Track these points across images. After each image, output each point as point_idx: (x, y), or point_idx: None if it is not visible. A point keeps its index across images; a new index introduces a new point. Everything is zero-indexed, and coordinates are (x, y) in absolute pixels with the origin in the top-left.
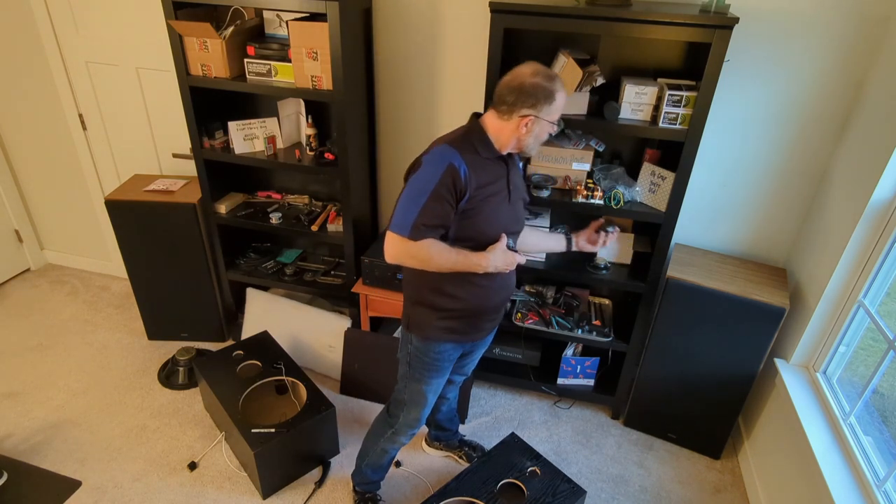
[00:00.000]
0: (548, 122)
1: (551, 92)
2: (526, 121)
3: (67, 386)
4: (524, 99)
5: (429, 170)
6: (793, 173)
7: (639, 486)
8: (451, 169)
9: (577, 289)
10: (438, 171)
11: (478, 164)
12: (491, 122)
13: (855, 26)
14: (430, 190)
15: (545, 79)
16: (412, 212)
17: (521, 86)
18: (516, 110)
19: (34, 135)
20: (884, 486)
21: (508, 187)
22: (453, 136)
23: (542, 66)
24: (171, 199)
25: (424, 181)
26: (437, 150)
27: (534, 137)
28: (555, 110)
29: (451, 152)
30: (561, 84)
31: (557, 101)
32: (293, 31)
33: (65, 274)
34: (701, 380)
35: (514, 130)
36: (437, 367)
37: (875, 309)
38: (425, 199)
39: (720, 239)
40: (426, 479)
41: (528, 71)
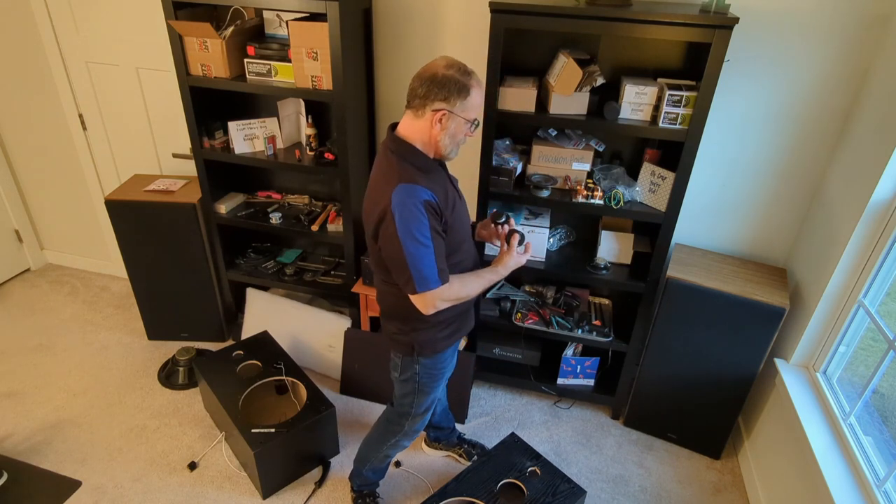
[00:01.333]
0: (463, 120)
1: (465, 86)
2: (439, 115)
3: (67, 386)
4: (436, 91)
5: (412, 216)
6: (793, 173)
7: (639, 486)
8: (428, 205)
9: (577, 289)
10: (421, 213)
11: (431, 181)
12: (407, 126)
13: (855, 26)
14: (427, 234)
15: (459, 72)
16: (429, 263)
17: (434, 77)
18: (428, 104)
19: (34, 135)
20: (884, 486)
21: (455, 186)
22: (392, 168)
23: (458, 61)
24: (171, 199)
25: (417, 229)
26: (401, 194)
27: (449, 137)
28: (470, 107)
29: (412, 190)
30: (477, 80)
31: (473, 97)
32: (293, 31)
33: (65, 274)
34: (701, 380)
35: (429, 128)
36: (443, 373)
37: (875, 309)
38: (431, 244)
39: (720, 239)
40: (426, 479)
41: (443, 63)
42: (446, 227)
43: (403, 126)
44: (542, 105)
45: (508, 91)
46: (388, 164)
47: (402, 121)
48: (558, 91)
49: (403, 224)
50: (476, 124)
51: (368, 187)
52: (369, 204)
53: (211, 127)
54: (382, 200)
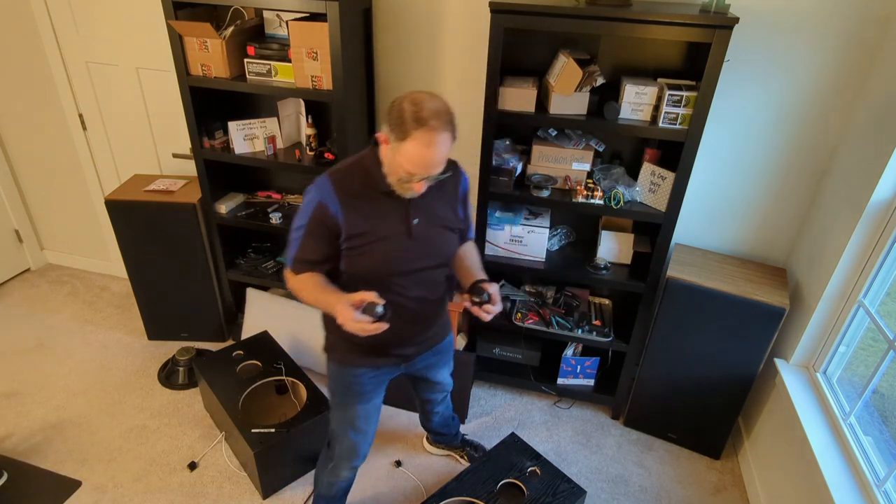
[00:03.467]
0: (395, 157)
1: (406, 130)
2: (381, 136)
3: (67, 386)
4: (389, 111)
5: (304, 203)
6: (793, 173)
7: (639, 486)
8: (320, 208)
9: (577, 289)
10: (310, 208)
11: (358, 203)
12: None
13: (855, 26)
14: (304, 225)
15: (414, 116)
16: (294, 245)
17: (399, 100)
18: (385, 120)
19: (34, 135)
20: (884, 486)
21: (408, 223)
22: (343, 164)
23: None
24: (171, 199)
25: (301, 215)
26: (315, 183)
27: (388, 166)
28: (404, 152)
29: (326, 188)
30: (426, 137)
31: (407, 146)
32: (293, 31)
33: (65, 274)
34: (701, 380)
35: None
36: (358, 393)
37: (875, 309)
38: (301, 234)
39: (720, 239)
40: (426, 479)
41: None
42: (347, 245)
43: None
44: (542, 105)
45: (508, 91)
46: (354, 158)
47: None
48: (558, 91)
49: (302, 204)
50: (407, 180)
51: None
52: None
53: (211, 127)
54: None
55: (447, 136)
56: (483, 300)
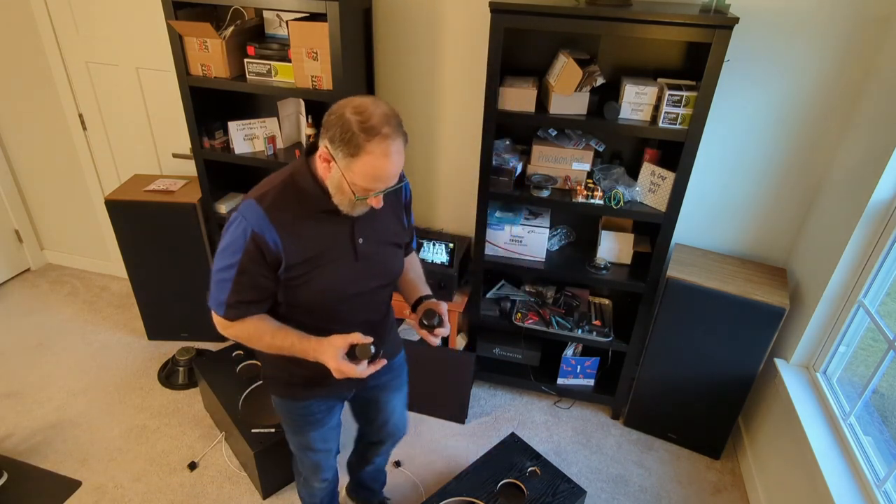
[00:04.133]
0: (341, 175)
1: (357, 143)
2: (322, 152)
3: (67, 386)
4: (328, 126)
5: (231, 237)
6: (793, 173)
7: (639, 486)
8: (254, 240)
9: (577, 289)
10: (240, 242)
11: (297, 229)
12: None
13: (855, 26)
14: (235, 263)
15: (362, 126)
16: (224, 287)
17: (339, 110)
18: (323, 136)
19: (34, 135)
20: (884, 486)
21: (353, 244)
22: (270, 184)
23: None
24: (171, 199)
25: (227, 251)
26: (240, 212)
27: (334, 187)
28: (358, 169)
29: (256, 216)
30: (383, 148)
31: (362, 161)
32: (293, 31)
33: (65, 274)
34: (701, 380)
35: (321, 164)
36: (309, 422)
37: (875, 309)
38: (234, 274)
39: (720, 239)
40: (426, 479)
41: (352, 103)
42: (287, 276)
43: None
44: (542, 105)
45: (508, 91)
46: (278, 175)
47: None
48: (558, 91)
49: (226, 239)
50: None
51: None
52: None
53: (211, 127)
54: (236, 206)
55: (401, 143)
56: (433, 324)
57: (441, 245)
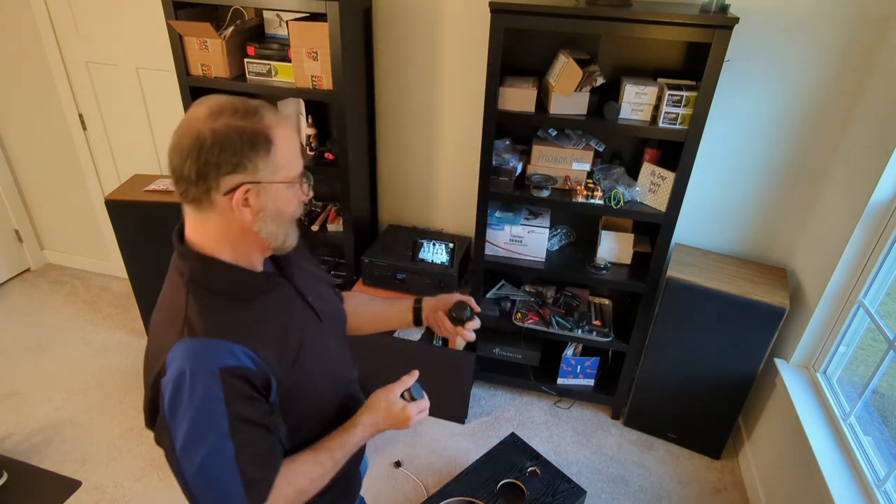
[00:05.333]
0: (283, 185)
1: (258, 133)
2: (240, 196)
3: (67, 386)
4: (216, 162)
5: (194, 409)
6: (793, 173)
7: (639, 486)
8: (225, 377)
9: (577, 289)
10: (212, 397)
11: (253, 325)
12: (196, 228)
13: (855, 26)
14: (224, 428)
15: (238, 115)
16: (229, 474)
17: (199, 141)
18: (212, 187)
19: (34, 135)
20: (884, 486)
21: (310, 306)
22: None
23: (228, 98)
24: (171, 199)
25: (206, 423)
26: (183, 357)
27: (272, 218)
28: (281, 162)
29: (206, 346)
30: (274, 116)
31: (279, 145)
32: (293, 31)
33: (65, 274)
34: (701, 380)
35: (231, 221)
36: None
37: (875, 309)
38: (232, 446)
39: (720, 239)
40: (426, 479)
41: (203, 113)
42: (280, 392)
43: (192, 229)
44: (542, 105)
45: (508, 91)
46: (173, 299)
47: (187, 223)
48: (558, 91)
49: (176, 414)
50: (304, 183)
51: (149, 334)
52: (145, 362)
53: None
54: (154, 366)
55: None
56: (465, 318)
57: (441, 245)
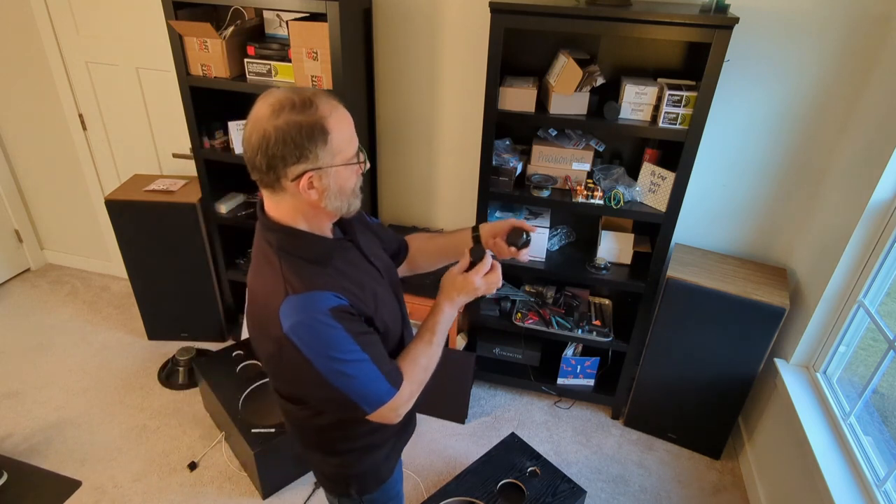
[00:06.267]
0: (342, 167)
1: (315, 125)
2: (305, 182)
3: (67, 386)
4: (280, 155)
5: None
6: (793, 173)
7: (639, 486)
8: (339, 312)
9: (577, 289)
10: (334, 327)
11: (339, 273)
12: (274, 207)
13: (855, 26)
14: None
15: (296, 110)
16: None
17: (265, 137)
18: (281, 175)
19: (34, 135)
20: (884, 486)
21: (369, 261)
22: (273, 269)
23: (285, 93)
24: (171, 199)
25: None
26: (294, 311)
27: (335, 195)
28: (339, 147)
29: (309, 297)
30: (328, 103)
31: (334, 133)
32: (293, 31)
33: (65, 274)
34: (701, 380)
35: (302, 201)
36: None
37: (875, 309)
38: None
39: (720, 239)
40: (426, 479)
41: (266, 111)
42: (371, 324)
43: (271, 207)
44: (542, 105)
45: (508, 91)
46: (267, 264)
47: (265, 201)
48: (558, 91)
49: (314, 350)
50: (361, 156)
51: (249, 295)
52: (253, 323)
53: (211, 127)
54: (270, 325)
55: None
56: (523, 242)
57: None
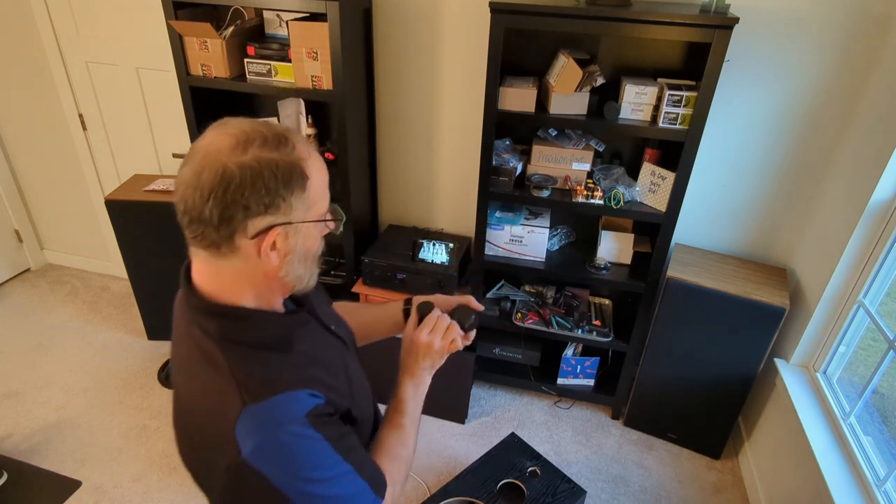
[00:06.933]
0: (313, 224)
1: (293, 167)
2: (269, 240)
3: (67, 386)
4: (245, 203)
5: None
6: (793, 173)
7: (639, 486)
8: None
9: (577, 289)
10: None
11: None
12: (212, 276)
13: (855, 26)
14: (336, 458)
15: (270, 146)
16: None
17: (227, 180)
18: (237, 230)
19: (34, 135)
20: (884, 486)
21: (330, 331)
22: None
23: (251, 123)
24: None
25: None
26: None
27: (300, 258)
28: (314, 198)
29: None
30: (305, 144)
31: (313, 179)
32: (293, 31)
33: (65, 274)
34: (701, 380)
35: (255, 266)
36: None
37: (875, 309)
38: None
39: (720, 239)
40: (426, 479)
41: (226, 143)
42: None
43: (206, 277)
44: (542, 105)
45: (508, 91)
46: (205, 363)
47: (196, 267)
48: (558, 91)
49: (287, 474)
50: (334, 214)
51: (177, 410)
52: (190, 450)
53: None
54: (219, 452)
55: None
56: (472, 323)
57: (441, 245)
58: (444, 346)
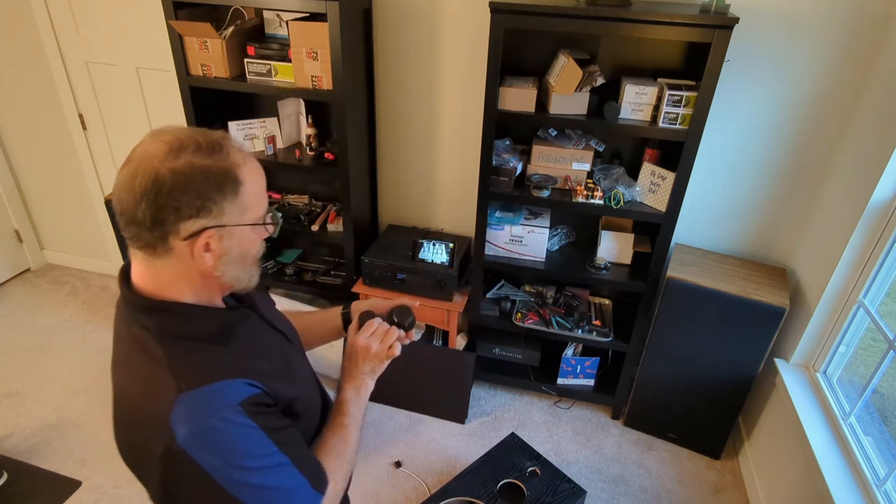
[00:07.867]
0: (249, 227)
1: (226, 172)
2: (202, 242)
3: (67, 386)
4: (176, 206)
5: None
6: (793, 173)
7: (639, 486)
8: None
9: (577, 289)
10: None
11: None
12: (149, 275)
13: (855, 26)
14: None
15: (203, 153)
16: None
17: (158, 184)
18: (170, 231)
19: (34, 135)
20: (884, 486)
21: (273, 327)
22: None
23: (186, 131)
24: None
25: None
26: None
27: (236, 261)
28: (248, 203)
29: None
30: (240, 151)
31: (247, 184)
32: (293, 31)
33: (65, 274)
34: (701, 380)
35: (190, 266)
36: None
37: (875, 309)
38: (283, 458)
39: (720, 239)
40: (426, 479)
41: (160, 149)
42: (291, 408)
43: (145, 276)
44: (542, 105)
45: (508, 91)
46: (143, 355)
47: (135, 267)
48: (558, 91)
49: (221, 462)
50: (272, 218)
51: (115, 400)
52: (125, 441)
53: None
54: (153, 440)
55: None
56: (410, 323)
57: (441, 245)
58: (383, 350)
